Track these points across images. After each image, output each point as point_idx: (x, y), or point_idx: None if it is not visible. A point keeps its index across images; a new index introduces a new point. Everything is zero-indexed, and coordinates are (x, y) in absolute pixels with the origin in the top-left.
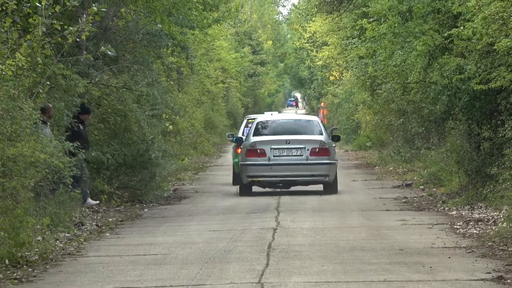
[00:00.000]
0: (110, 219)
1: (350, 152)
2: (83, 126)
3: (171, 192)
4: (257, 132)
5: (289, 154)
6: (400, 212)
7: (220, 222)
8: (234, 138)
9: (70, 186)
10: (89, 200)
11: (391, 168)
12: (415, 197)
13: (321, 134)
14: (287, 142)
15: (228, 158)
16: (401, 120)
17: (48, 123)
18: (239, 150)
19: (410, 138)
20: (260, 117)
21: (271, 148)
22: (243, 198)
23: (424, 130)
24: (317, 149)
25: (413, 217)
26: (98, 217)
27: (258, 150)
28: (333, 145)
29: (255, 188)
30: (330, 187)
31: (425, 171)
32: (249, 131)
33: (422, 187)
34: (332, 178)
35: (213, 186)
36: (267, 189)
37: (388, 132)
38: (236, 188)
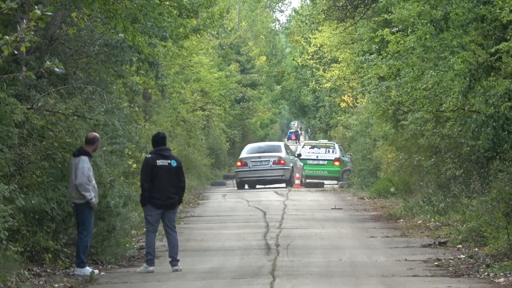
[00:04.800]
0: (56, 285)
1: (366, 200)
2: None
3: (135, 250)
4: (245, 152)
5: (261, 164)
6: (432, 278)
7: None
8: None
9: (4, 242)
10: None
11: (419, 222)
12: (451, 259)
13: (281, 152)
14: (260, 157)
15: (208, 206)
16: (433, 159)
17: (92, 158)
18: None
19: (444, 183)
20: (250, 144)
21: (251, 161)
22: (228, 259)
23: (462, 173)
24: (276, 160)
25: (448, 285)
26: (41, 282)
27: (244, 162)
28: (290, 158)
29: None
30: (288, 182)
31: (464, 225)
32: (242, 151)
33: (460, 246)
34: (287, 177)
35: (189, 243)
36: (260, 241)
37: (416, 175)
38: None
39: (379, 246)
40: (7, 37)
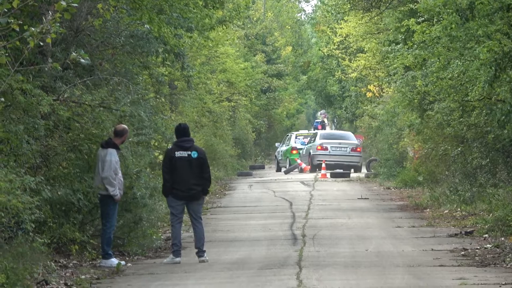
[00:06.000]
0: (83, 277)
1: (393, 190)
2: None
3: (161, 241)
4: (321, 138)
5: (340, 149)
6: (458, 268)
7: (225, 281)
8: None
9: (31, 234)
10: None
11: (446, 211)
12: (477, 248)
13: (355, 140)
14: (339, 143)
15: (235, 197)
16: (459, 149)
17: (120, 150)
18: (294, 151)
19: (470, 173)
20: (320, 131)
21: (330, 146)
22: (255, 250)
23: (488, 162)
24: (354, 148)
25: (475, 274)
26: (68, 274)
27: (324, 147)
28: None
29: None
30: (358, 169)
31: (491, 215)
32: (316, 137)
33: (487, 235)
34: (360, 164)
35: (215, 233)
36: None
37: (442, 165)
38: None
39: (406, 236)
40: (33, 28)
